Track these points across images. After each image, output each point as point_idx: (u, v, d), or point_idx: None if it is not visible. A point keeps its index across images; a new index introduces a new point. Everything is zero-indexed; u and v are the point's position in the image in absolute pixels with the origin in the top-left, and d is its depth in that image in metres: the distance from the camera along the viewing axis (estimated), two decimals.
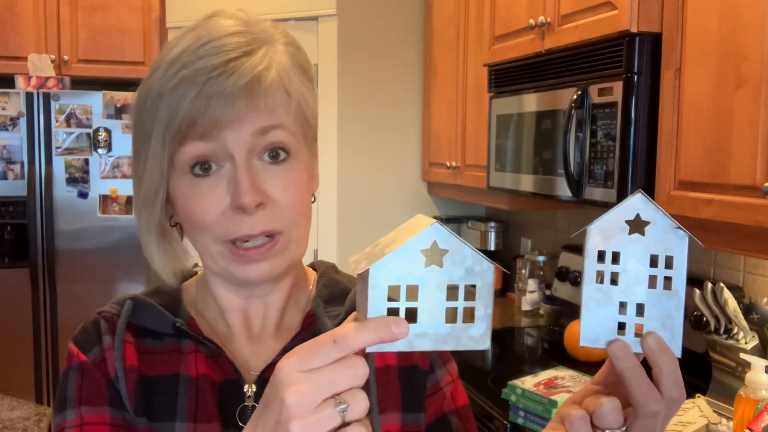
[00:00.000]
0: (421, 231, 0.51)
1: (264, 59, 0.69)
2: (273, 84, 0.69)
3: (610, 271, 0.55)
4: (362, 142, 3.27)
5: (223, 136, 0.68)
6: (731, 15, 1.45)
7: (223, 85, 0.66)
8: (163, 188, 0.73)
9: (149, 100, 0.71)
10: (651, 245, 0.55)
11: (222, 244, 0.71)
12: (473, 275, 0.53)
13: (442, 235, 0.52)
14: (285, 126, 0.71)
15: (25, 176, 3.30)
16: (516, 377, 1.80)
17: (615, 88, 1.75)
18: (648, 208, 0.55)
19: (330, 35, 3.17)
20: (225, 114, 0.67)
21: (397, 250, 0.51)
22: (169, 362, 0.76)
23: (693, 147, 1.57)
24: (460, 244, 0.52)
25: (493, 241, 3.20)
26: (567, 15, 1.97)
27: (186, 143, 0.69)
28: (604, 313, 0.55)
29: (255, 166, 0.70)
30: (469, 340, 0.53)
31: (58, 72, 3.53)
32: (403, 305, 0.51)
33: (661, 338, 0.55)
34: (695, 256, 2.08)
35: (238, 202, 0.68)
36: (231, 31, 0.70)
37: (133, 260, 3.41)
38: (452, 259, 0.52)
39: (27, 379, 3.34)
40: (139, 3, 3.65)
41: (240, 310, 0.79)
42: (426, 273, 0.52)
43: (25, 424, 1.76)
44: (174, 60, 0.69)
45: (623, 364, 0.54)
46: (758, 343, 1.69)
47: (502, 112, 2.40)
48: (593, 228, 0.55)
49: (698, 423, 1.58)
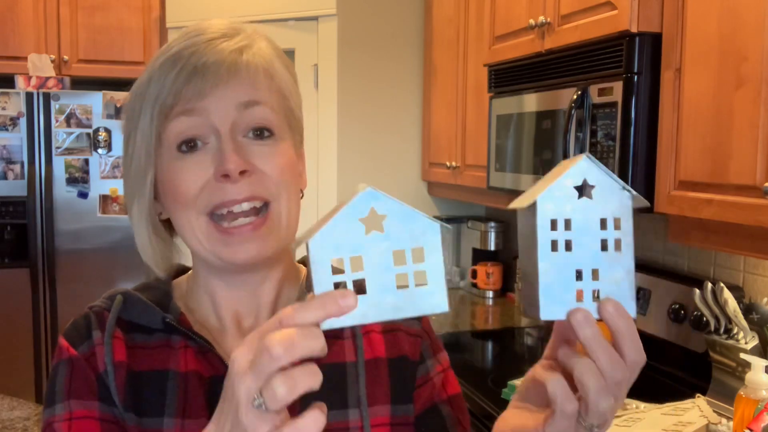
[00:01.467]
0: (356, 196, 0.49)
1: (245, 40, 0.72)
2: (254, 60, 0.72)
3: (563, 239, 0.54)
4: (362, 142, 3.27)
5: (207, 110, 0.70)
6: (731, 15, 1.45)
7: (205, 57, 0.69)
8: (151, 170, 0.74)
9: (140, 87, 0.74)
10: (599, 208, 0.54)
11: (205, 219, 0.72)
12: (418, 237, 0.51)
13: (379, 200, 0.50)
14: (268, 103, 0.72)
15: (25, 176, 3.30)
16: (516, 377, 1.80)
17: (615, 88, 1.75)
18: (593, 170, 0.54)
19: (330, 35, 3.17)
20: (207, 84, 0.69)
21: (332, 221, 0.49)
22: (159, 357, 0.76)
23: (693, 147, 1.57)
24: (399, 205, 0.50)
25: (493, 241, 3.20)
26: (567, 15, 1.97)
27: (171, 119, 0.70)
28: (562, 283, 0.54)
29: (239, 140, 0.71)
30: (427, 304, 0.51)
31: (58, 72, 3.53)
32: (349, 277, 0.50)
33: (619, 303, 0.54)
34: (695, 256, 2.08)
35: (222, 168, 0.69)
36: (216, 29, 0.73)
37: (133, 260, 3.41)
38: (393, 223, 0.50)
39: (27, 379, 3.34)
40: (139, 3, 3.65)
41: (231, 304, 0.79)
42: (368, 241, 0.50)
43: (25, 424, 1.76)
44: (161, 53, 0.73)
45: (587, 333, 0.53)
46: (758, 343, 1.69)
47: (502, 112, 2.40)
48: (543, 197, 0.54)
49: (698, 423, 1.58)
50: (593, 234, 0.54)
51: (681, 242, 1.69)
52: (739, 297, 1.79)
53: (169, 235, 0.80)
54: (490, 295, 3.15)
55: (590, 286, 0.55)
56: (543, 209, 0.53)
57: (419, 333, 0.84)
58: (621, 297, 0.55)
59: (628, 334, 0.54)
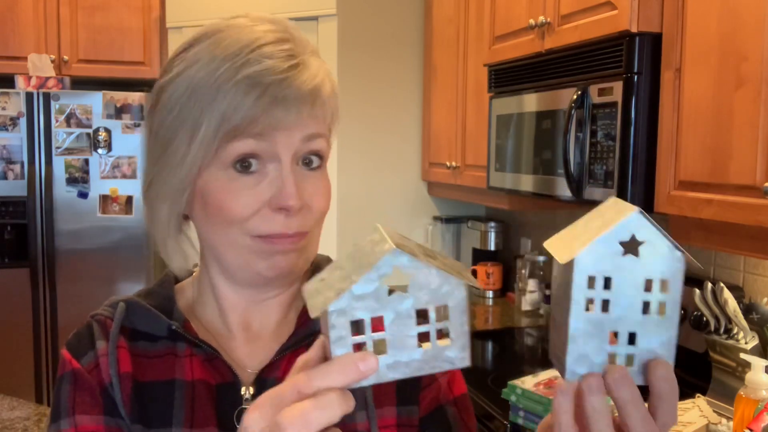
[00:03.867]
0: (383, 258, 0.47)
1: (320, 70, 0.72)
2: (329, 93, 0.72)
3: (601, 299, 0.50)
4: (362, 142, 3.27)
5: (276, 138, 0.69)
6: (731, 15, 1.45)
7: (288, 90, 0.68)
8: (196, 180, 0.72)
9: (198, 91, 0.69)
10: (645, 268, 0.50)
11: (251, 238, 0.72)
12: (441, 295, 0.49)
13: (403, 263, 0.48)
14: (324, 134, 0.74)
15: (25, 176, 3.30)
16: (516, 377, 1.80)
17: (615, 88, 1.75)
18: (644, 227, 0.50)
19: (330, 35, 3.17)
20: (286, 118, 0.68)
21: (358, 284, 0.47)
22: (164, 367, 0.75)
23: (693, 147, 1.57)
24: (424, 267, 0.48)
25: (493, 241, 3.20)
26: (567, 15, 1.97)
27: (239, 139, 0.69)
28: (593, 345, 0.51)
29: (297, 172, 0.71)
30: (447, 361, 0.50)
31: (58, 72, 3.53)
32: (370, 338, 0.48)
33: (670, 367, 0.51)
34: (695, 256, 2.08)
35: (283, 203, 0.69)
36: (280, 37, 0.71)
37: (133, 260, 3.41)
38: (417, 283, 0.49)
39: (27, 379, 3.34)
40: (139, 3, 3.65)
41: (241, 310, 0.79)
42: (392, 300, 0.48)
43: (25, 424, 1.76)
44: (233, 54, 0.68)
45: (624, 395, 0.50)
46: (758, 343, 1.69)
47: (502, 112, 2.40)
48: (583, 254, 0.49)
49: (698, 423, 1.58)
50: (635, 295, 0.50)
51: (681, 242, 1.69)
52: (739, 297, 1.79)
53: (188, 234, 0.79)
54: (490, 295, 3.15)
55: (625, 351, 0.51)
56: (582, 264, 0.49)
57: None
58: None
59: (673, 399, 0.51)
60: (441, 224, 3.36)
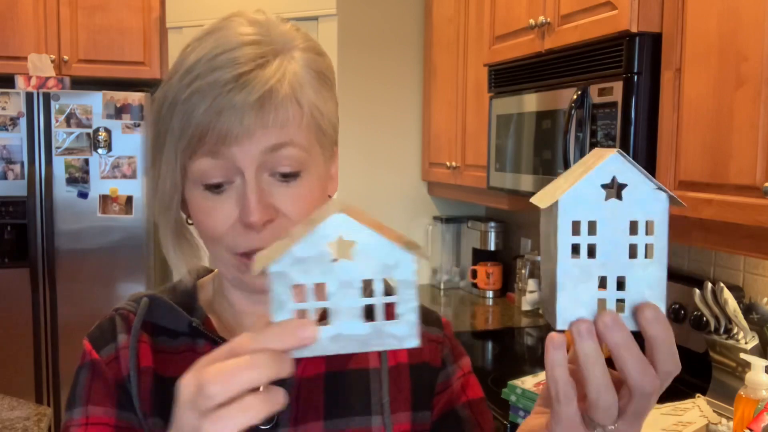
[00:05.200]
0: (324, 221, 0.46)
1: (277, 71, 0.67)
2: (285, 98, 0.67)
3: (587, 243, 0.49)
4: (362, 142, 3.28)
5: (232, 153, 0.67)
6: (731, 15, 1.45)
7: (234, 99, 0.65)
8: (178, 195, 0.73)
9: (164, 107, 0.70)
10: (629, 210, 0.49)
11: (232, 255, 0.71)
12: (391, 268, 0.47)
13: (351, 226, 0.46)
14: (296, 142, 0.69)
15: (25, 176, 3.30)
16: (516, 377, 1.80)
17: (615, 88, 1.75)
18: (625, 169, 0.49)
19: (330, 35, 3.17)
20: (233, 129, 0.65)
21: (298, 244, 0.46)
22: (184, 363, 0.75)
23: (693, 147, 1.57)
24: (371, 234, 0.47)
25: (493, 241, 3.20)
26: (567, 15, 1.97)
27: (196, 158, 0.68)
28: (582, 291, 0.49)
29: (265, 182, 0.69)
30: (393, 338, 0.48)
31: (58, 72, 3.53)
32: (312, 305, 0.47)
33: (658, 309, 0.50)
34: (695, 256, 2.08)
35: (245, 219, 0.68)
36: (247, 40, 0.68)
37: (133, 260, 3.41)
38: (364, 252, 0.47)
39: (27, 379, 3.34)
40: (139, 3, 3.65)
41: (255, 313, 0.78)
42: (335, 268, 0.47)
43: (25, 424, 1.76)
44: (189, 68, 0.68)
45: (617, 338, 0.49)
46: (758, 343, 1.69)
47: (502, 112, 2.40)
48: (566, 196, 0.49)
49: (698, 423, 1.58)
50: (621, 238, 0.49)
51: (681, 242, 1.69)
52: (739, 297, 1.79)
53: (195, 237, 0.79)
54: (490, 295, 3.15)
55: (614, 296, 0.50)
56: (565, 210, 0.49)
57: (441, 339, 0.84)
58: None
59: (667, 343, 0.50)
60: (441, 224, 3.36)
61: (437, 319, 0.86)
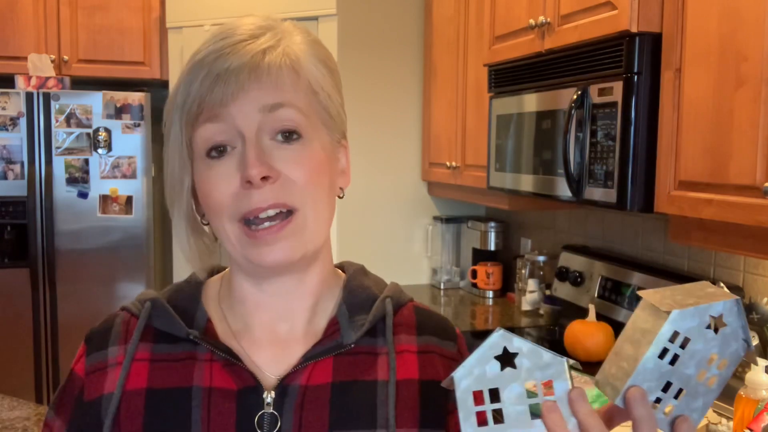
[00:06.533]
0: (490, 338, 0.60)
1: (271, 39, 0.70)
2: (278, 60, 0.70)
3: (673, 353, 0.58)
4: (362, 142, 3.27)
5: (231, 115, 0.69)
6: (731, 15, 1.45)
7: (228, 62, 0.68)
8: (188, 178, 0.74)
9: (172, 93, 0.73)
10: (716, 344, 0.59)
11: (237, 224, 0.71)
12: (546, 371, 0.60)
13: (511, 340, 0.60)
14: (294, 104, 0.71)
15: (25, 176, 3.30)
16: None
17: (615, 88, 1.75)
18: (734, 314, 0.59)
19: (330, 35, 3.17)
20: (229, 89, 0.68)
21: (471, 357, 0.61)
22: (183, 372, 0.75)
23: (693, 147, 1.57)
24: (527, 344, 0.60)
25: (493, 241, 3.20)
26: (567, 15, 1.97)
27: (198, 126, 0.70)
28: (648, 385, 0.59)
29: (265, 144, 0.70)
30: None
31: (58, 72, 3.53)
32: (489, 407, 0.60)
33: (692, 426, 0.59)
34: (695, 256, 2.08)
35: (245, 175, 0.68)
36: (248, 21, 0.72)
37: (133, 260, 3.41)
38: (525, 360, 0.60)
39: (27, 379, 3.34)
40: (139, 3, 3.65)
41: (265, 310, 0.77)
42: (503, 376, 0.60)
43: (25, 424, 1.76)
44: (195, 53, 0.72)
45: (641, 413, 0.58)
46: (758, 343, 1.69)
47: (502, 112, 2.40)
48: (683, 312, 0.58)
49: None
50: (699, 363, 0.59)
51: (681, 242, 1.69)
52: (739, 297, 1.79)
53: (210, 235, 0.79)
54: (490, 295, 3.15)
55: (669, 401, 0.60)
56: (675, 320, 0.58)
57: (454, 356, 0.82)
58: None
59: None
60: (441, 224, 3.36)
61: (453, 332, 0.84)
